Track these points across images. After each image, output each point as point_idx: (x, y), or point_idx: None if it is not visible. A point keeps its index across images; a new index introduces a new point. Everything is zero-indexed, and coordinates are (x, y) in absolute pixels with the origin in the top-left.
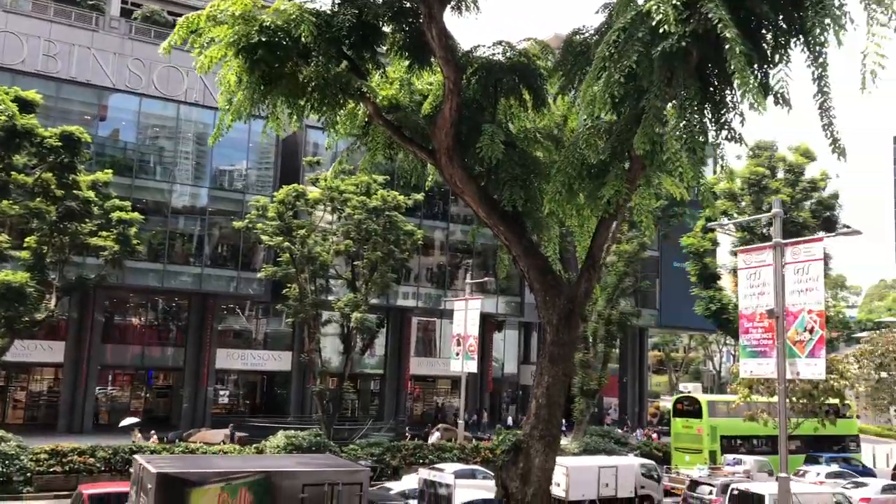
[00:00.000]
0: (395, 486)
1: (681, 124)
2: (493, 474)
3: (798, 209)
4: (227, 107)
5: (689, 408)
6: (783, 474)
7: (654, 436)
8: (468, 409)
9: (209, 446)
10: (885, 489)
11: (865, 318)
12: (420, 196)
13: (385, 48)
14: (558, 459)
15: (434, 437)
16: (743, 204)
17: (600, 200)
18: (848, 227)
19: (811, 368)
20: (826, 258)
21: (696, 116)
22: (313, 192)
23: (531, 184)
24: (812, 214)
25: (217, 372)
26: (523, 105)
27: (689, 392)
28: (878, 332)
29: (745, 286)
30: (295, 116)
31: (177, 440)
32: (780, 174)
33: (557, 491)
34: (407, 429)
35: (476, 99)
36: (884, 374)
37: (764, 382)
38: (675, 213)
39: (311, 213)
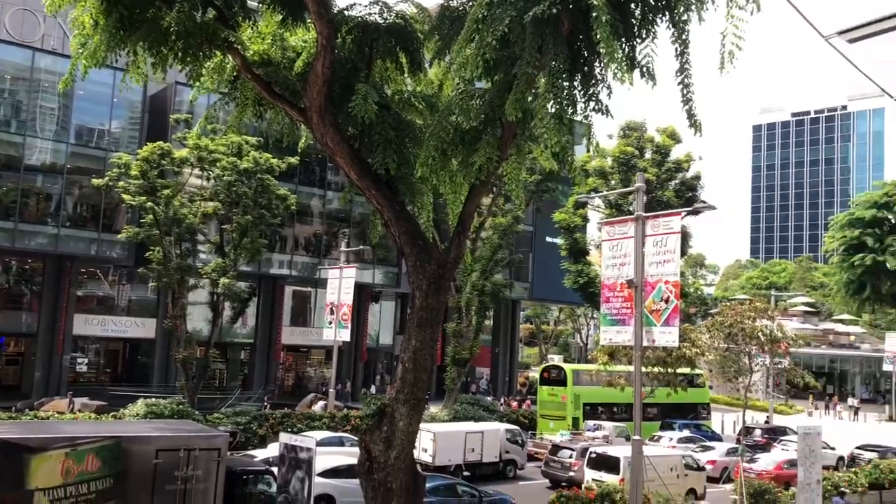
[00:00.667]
0: (260, 454)
1: (550, 93)
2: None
3: (663, 189)
4: (81, 51)
5: (554, 376)
6: (636, 437)
7: (514, 404)
8: (340, 379)
9: (61, 416)
10: (729, 452)
11: (721, 296)
12: (294, 160)
13: (256, 0)
14: (426, 426)
15: (318, 407)
16: (613, 182)
17: (472, 167)
18: (704, 202)
19: (666, 336)
20: (686, 236)
21: (566, 84)
22: (180, 152)
23: (405, 148)
24: (676, 194)
25: (75, 339)
26: (399, 68)
27: (555, 361)
28: (728, 304)
29: (608, 257)
30: (158, 67)
31: (26, 410)
32: (648, 154)
33: (424, 456)
34: (267, 399)
35: (351, 59)
36: (732, 345)
37: (623, 350)
38: (549, 188)
39: (177, 174)
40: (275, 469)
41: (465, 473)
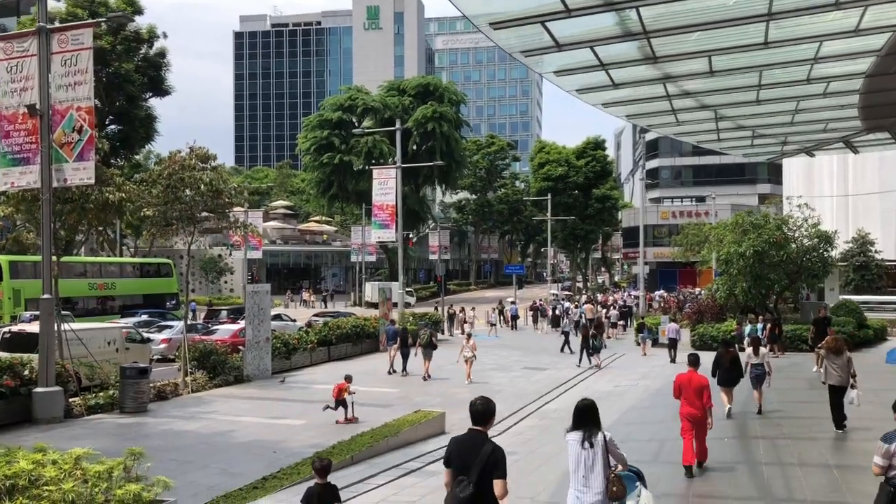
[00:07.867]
0: None
1: None
2: None
3: (121, 61)
4: None
5: None
6: (46, 296)
7: None
8: None
9: None
10: (180, 331)
11: None
12: None
13: None
14: None
15: None
16: None
17: None
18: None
19: (80, 173)
20: (151, 118)
21: None
22: None
23: None
24: (137, 69)
25: None
26: None
27: None
28: (170, 154)
29: (4, 81)
30: None
31: None
32: (104, 26)
33: None
34: None
35: None
36: (174, 199)
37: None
38: None
39: None
40: None
41: None
